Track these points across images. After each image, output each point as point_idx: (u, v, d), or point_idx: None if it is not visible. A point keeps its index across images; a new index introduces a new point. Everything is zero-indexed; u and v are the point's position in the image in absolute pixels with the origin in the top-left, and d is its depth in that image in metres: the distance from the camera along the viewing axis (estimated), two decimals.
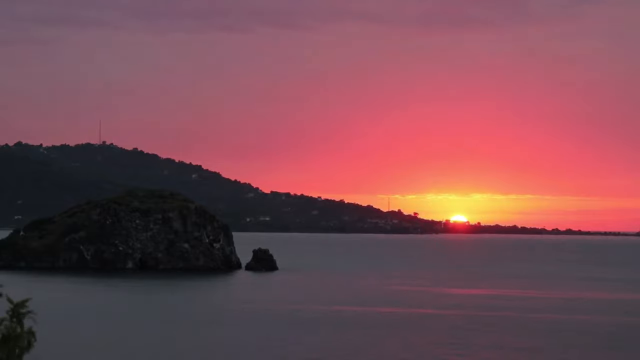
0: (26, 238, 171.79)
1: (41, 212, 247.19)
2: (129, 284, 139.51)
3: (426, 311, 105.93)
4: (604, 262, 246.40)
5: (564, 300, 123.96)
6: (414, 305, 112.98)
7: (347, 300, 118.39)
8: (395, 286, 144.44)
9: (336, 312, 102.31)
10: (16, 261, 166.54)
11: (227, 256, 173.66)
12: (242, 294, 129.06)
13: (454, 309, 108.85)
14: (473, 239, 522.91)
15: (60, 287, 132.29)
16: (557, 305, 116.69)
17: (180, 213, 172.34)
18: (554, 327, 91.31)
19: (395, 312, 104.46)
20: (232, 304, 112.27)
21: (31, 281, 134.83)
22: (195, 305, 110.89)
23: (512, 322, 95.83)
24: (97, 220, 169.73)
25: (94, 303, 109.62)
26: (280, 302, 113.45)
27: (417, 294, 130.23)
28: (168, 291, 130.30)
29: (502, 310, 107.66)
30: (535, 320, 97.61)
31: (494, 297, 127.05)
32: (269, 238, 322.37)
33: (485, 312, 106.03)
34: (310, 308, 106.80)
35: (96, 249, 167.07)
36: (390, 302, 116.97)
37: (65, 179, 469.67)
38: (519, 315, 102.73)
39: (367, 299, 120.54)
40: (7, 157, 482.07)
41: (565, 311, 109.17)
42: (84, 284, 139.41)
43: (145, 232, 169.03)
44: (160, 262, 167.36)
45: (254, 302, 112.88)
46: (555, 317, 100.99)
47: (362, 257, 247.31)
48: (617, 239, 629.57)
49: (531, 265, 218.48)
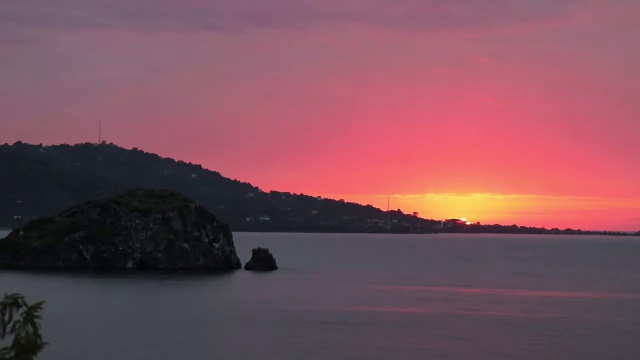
0: (26, 238, 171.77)
1: (41, 212, 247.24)
2: (129, 284, 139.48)
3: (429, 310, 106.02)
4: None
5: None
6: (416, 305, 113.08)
7: (348, 300, 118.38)
8: (395, 286, 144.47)
9: (336, 312, 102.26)
10: (16, 261, 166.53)
11: (227, 256, 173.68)
12: (242, 294, 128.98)
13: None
14: (472, 239, 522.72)
15: (60, 287, 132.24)
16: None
17: (180, 213, 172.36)
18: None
19: (396, 312, 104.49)
20: (232, 304, 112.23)
21: (31, 281, 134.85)
22: (195, 305, 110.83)
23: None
24: (97, 220, 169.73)
25: (94, 303, 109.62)
26: (280, 302, 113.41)
27: (418, 294, 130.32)
28: (168, 291, 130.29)
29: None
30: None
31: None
32: (269, 238, 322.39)
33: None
34: (310, 308, 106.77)
35: (96, 249, 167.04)
36: (391, 302, 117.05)
37: (65, 179, 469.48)
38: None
39: (367, 299, 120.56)
40: (7, 157, 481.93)
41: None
42: (84, 284, 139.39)
43: (145, 232, 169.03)
44: (160, 262, 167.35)
45: (253, 302, 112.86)
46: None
47: (362, 257, 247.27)
48: (617, 239, 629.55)
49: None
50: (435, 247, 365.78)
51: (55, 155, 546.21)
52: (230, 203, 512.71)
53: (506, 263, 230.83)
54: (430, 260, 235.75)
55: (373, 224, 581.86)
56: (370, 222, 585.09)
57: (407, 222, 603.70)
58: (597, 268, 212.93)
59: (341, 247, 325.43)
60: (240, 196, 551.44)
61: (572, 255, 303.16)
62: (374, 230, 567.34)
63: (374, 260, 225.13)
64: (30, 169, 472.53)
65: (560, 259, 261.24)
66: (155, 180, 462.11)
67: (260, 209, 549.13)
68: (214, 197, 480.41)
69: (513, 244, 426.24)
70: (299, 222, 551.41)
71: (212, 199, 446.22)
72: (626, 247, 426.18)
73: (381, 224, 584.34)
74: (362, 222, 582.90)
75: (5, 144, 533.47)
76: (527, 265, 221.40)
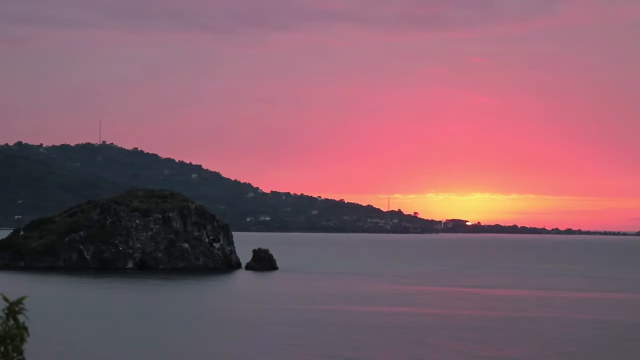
0: (26, 238, 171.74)
1: (41, 212, 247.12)
2: (129, 284, 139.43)
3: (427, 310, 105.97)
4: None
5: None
6: (415, 305, 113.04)
7: (347, 300, 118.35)
8: (395, 286, 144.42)
9: (336, 313, 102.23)
10: (16, 261, 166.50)
11: (227, 256, 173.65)
12: (242, 294, 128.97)
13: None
14: (472, 239, 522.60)
15: (60, 287, 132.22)
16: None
17: (180, 213, 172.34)
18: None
19: (396, 312, 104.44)
20: (231, 304, 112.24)
21: (31, 281, 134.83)
22: (195, 305, 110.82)
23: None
24: (97, 220, 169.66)
25: (94, 303, 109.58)
26: (280, 302, 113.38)
27: (416, 294, 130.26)
28: (168, 291, 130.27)
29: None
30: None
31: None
32: (269, 238, 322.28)
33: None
34: (310, 308, 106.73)
35: (96, 248, 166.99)
36: (391, 301, 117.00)
37: (65, 179, 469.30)
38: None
39: (367, 298, 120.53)
40: (7, 157, 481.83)
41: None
42: (84, 284, 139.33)
43: (145, 232, 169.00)
44: (160, 262, 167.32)
45: (253, 302, 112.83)
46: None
47: (362, 257, 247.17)
48: (617, 239, 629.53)
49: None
50: (440, 246, 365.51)
51: (55, 155, 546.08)
52: (230, 203, 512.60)
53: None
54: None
55: (373, 224, 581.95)
56: (370, 222, 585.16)
57: (408, 222, 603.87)
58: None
59: (341, 247, 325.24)
60: (240, 196, 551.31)
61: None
62: (374, 230, 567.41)
63: (390, 262, 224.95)
64: (30, 169, 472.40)
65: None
66: (155, 180, 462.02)
67: (260, 209, 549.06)
68: (214, 197, 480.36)
69: (524, 244, 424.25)
70: (299, 222, 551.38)
71: (212, 199, 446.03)
72: (626, 246, 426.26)
73: (381, 224, 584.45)
74: (362, 222, 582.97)
75: (5, 144, 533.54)
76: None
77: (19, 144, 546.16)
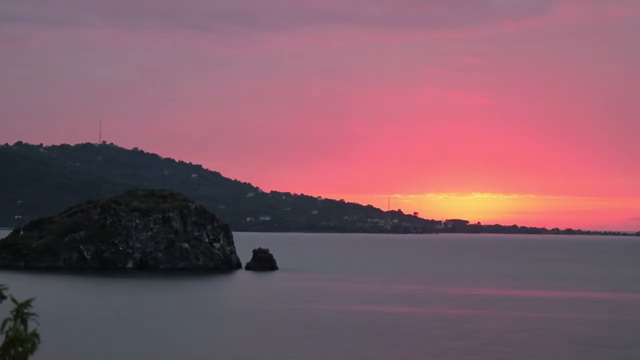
0: (26, 238, 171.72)
1: (41, 212, 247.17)
2: (129, 284, 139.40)
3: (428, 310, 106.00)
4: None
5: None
6: (416, 304, 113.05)
7: (347, 300, 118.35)
8: (395, 285, 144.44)
9: (336, 313, 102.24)
10: (16, 261, 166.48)
11: (227, 256, 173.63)
12: (242, 293, 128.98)
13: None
14: (472, 239, 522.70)
15: (60, 287, 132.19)
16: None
17: (180, 213, 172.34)
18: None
19: (396, 312, 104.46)
20: (231, 304, 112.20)
21: (31, 281, 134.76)
22: (195, 305, 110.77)
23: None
24: (97, 220, 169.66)
25: (94, 303, 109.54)
26: (280, 302, 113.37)
27: (416, 294, 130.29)
28: (168, 291, 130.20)
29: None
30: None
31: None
32: (269, 238, 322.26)
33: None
34: (310, 308, 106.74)
35: (96, 248, 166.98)
36: (391, 301, 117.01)
37: (65, 179, 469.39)
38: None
39: (367, 298, 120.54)
40: (7, 157, 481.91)
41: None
42: (84, 284, 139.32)
43: (145, 231, 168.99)
44: (160, 261, 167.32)
45: (253, 302, 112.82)
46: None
47: (362, 257, 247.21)
48: (617, 239, 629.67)
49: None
50: (440, 246, 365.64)
51: (55, 155, 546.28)
52: (230, 203, 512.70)
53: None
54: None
55: (373, 224, 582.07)
56: (370, 222, 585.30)
57: (408, 222, 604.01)
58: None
59: (341, 247, 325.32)
60: (240, 196, 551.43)
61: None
62: (374, 230, 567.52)
63: (390, 262, 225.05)
64: (30, 169, 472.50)
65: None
66: (155, 180, 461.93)
67: (260, 209, 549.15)
68: (214, 197, 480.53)
69: (530, 244, 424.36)
70: (299, 222, 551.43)
71: (212, 199, 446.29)
72: (627, 246, 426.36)
73: (381, 224, 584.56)
74: (363, 222, 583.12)
75: (5, 144, 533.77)
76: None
77: (19, 144, 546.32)
